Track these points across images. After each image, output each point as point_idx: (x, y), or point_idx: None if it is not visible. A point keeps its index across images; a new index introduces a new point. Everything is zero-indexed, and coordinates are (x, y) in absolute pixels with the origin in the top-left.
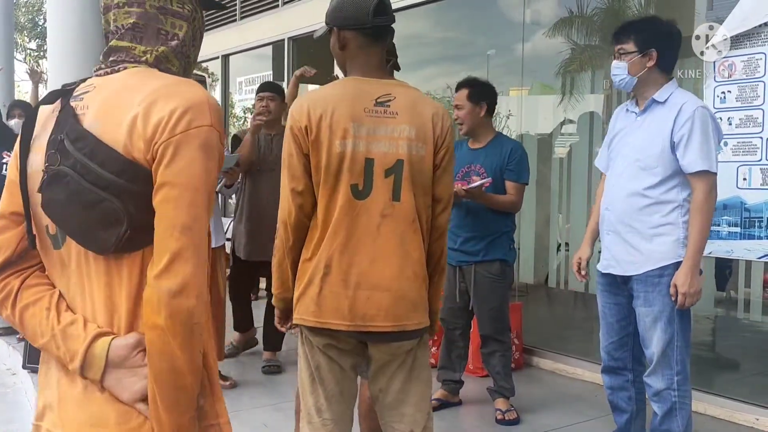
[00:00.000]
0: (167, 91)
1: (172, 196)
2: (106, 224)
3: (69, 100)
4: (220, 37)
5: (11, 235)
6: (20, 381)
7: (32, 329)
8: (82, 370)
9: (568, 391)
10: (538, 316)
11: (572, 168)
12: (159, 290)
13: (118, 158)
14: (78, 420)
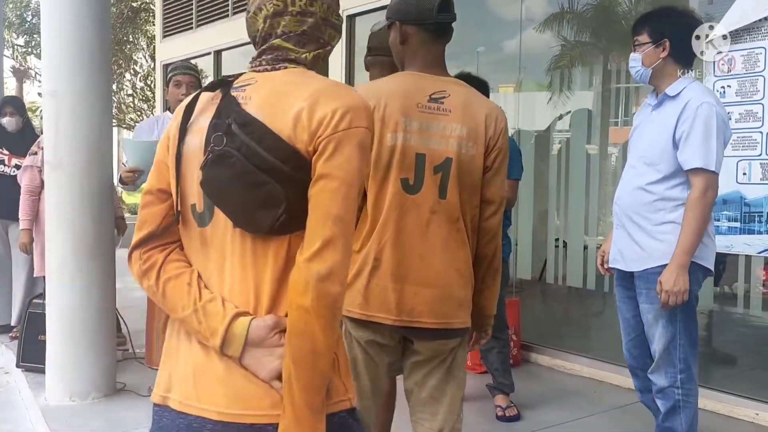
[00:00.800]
0: (330, 91)
1: (330, 187)
2: (265, 206)
3: (230, 90)
4: (212, 33)
5: (157, 210)
6: (13, 380)
7: (173, 302)
8: (222, 347)
9: (567, 387)
10: (536, 312)
11: (569, 164)
12: (308, 273)
13: (284, 146)
14: (219, 394)
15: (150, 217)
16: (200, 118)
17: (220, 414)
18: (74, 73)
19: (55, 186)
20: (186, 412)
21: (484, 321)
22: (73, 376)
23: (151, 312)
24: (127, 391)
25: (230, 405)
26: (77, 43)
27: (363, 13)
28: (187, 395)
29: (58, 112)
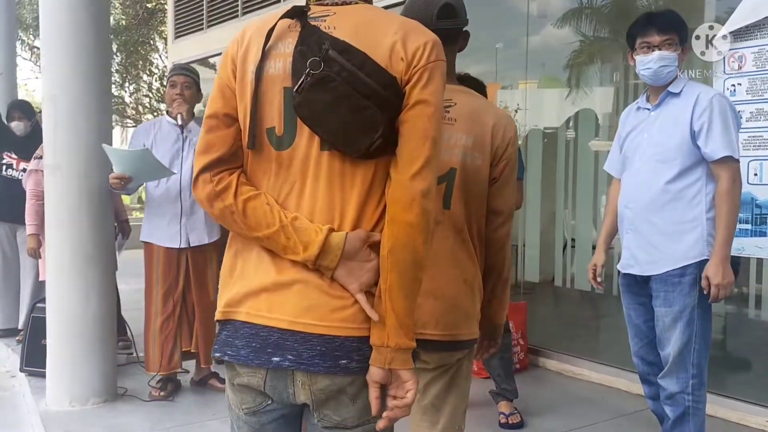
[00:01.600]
0: (413, 26)
1: (427, 112)
2: (364, 129)
3: (308, 20)
4: (222, 34)
5: (225, 134)
6: (19, 384)
7: (256, 220)
8: (318, 258)
9: (575, 393)
10: (544, 316)
11: (578, 163)
12: (413, 190)
13: (384, 73)
14: (292, 304)
15: (218, 141)
16: (279, 44)
17: (290, 323)
18: (72, 77)
19: (53, 189)
20: (253, 322)
21: (494, 331)
22: (73, 381)
23: (148, 317)
24: (128, 396)
25: (302, 315)
26: (75, 49)
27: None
28: (257, 308)
29: (57, 115)
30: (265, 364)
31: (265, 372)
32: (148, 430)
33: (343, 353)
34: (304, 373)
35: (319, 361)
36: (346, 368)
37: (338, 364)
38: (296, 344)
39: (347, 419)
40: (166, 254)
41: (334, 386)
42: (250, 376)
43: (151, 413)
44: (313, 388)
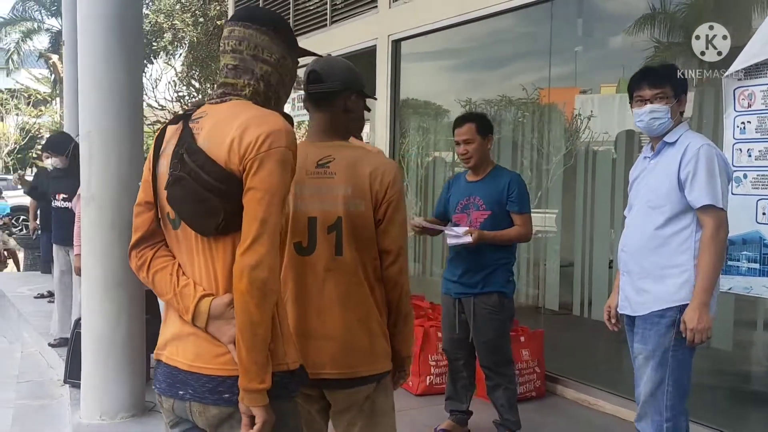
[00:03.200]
0: (256, 120)
1: (256, 197)
2: (209, 215)
3: (188, 122)
4: None
5: (145, 218)
6: (66, 393)
7: (160, 288)
8: (193, 320)
9: (585, 423)
10: (564, 344)
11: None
12: (242, 264)
13: (220, 170)
14: (189, 351)
15: (141, 224)
16: (168, 145)
17: (188, 365)
18: (106, 115)
19: (87, 218)
20: (168, 363)
21: (401, 363)
22: (103, 396)
23: None
24: (155, 412)
25: (195, 359)
26: (108, 88)
27: (408, 38)
28: (172, 352)
29: (91, 151)
30: (174, 396)
31: (173, 401)
32: None
33: (226, 388)
34: (198, 404)
35: (208, 395)
36: (229, 400)
37: (222, 397)
38: (193, 381)
39: None
40: None
41: (222, 414)
42: (166, 402)
43: None
44: (206, 415)
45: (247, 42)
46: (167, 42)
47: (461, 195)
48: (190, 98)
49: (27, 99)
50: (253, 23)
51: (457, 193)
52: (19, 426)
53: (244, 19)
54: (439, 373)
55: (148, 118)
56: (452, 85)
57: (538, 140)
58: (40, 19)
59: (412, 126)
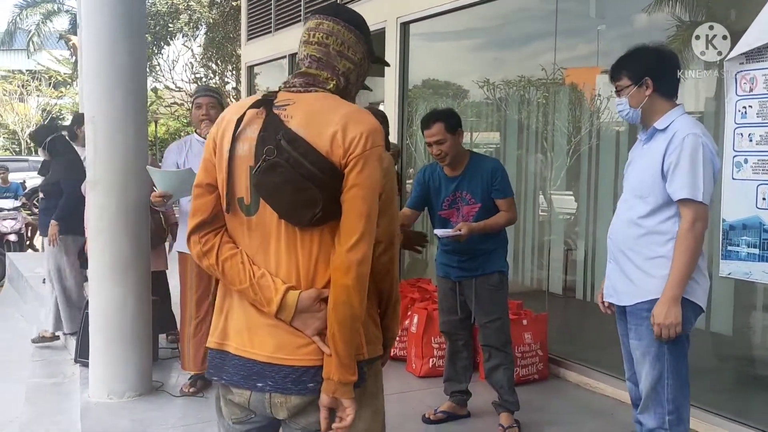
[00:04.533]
0: (356, 116)
1: (360, 194)
2: (306, 206)
3: (272, 108)
4: (287, 37)
5: (207, 201)
6: (77, 372)
7: (231, 277)
8: (277, 313)
9: (586, 406)
10: (567, 328)
11: (599, 170)
12: (350, 260)
13: (324, 160)
14: (268, 343)
15: (202, 207)
16: (247, 129)
17: (268, 357)
18: (110, 100)
19: (93, 203)
20: (240, 355)
21: (388, 345)
22: (111, 376)
23: (183, 320)
24: (161, 391)
25: (276, 351)
26: (112, 74)
27: (417, 20)
28: (242, 343)
29: (96, 136)
30: (251, 388)
31: (249, 393)
32: (171, 425)
33: (309, 378)
34: (280, 395)
35: (291, 386)
36: (313, 390)
37: (306, 387)
38: (273, 373)
39: (312, 423)
40: None
41: (303, 403)
42: (240, 395)
43: (178, 409)
44: (288, 406)
45: (335, 37)
46: (183, 23)
47: (446, 191)
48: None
49: (48, 80)
50: (342, 20)
51: (439, 189)
52: (32, 403)
53: (333, 14)
54: (442, 355)
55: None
56: (465, 66)
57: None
58: (60, 1)
59: (421, 109)
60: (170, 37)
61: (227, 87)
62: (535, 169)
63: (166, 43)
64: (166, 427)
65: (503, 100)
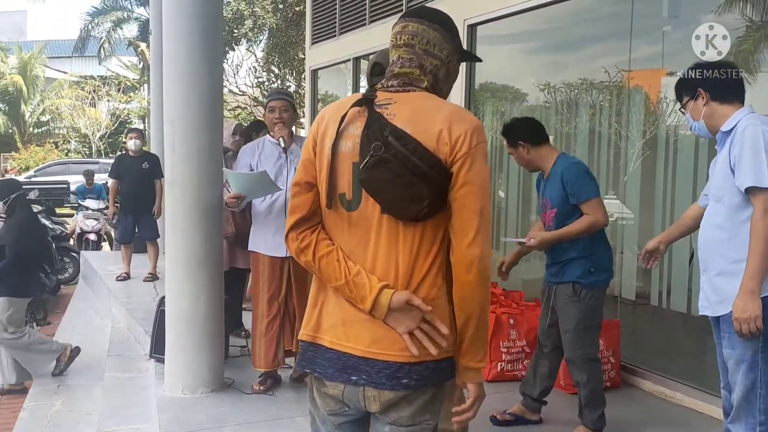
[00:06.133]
0: (459, 115)
1: (473, 191)
2: (413, 200)
3: (373, 106)
4: (351, 41)
5: (305, 198)
6: (151, 367)
7: (327, 274)
8: (371, 311)
9: (665, 416)
10: (641, 335)
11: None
12: (471, 256)
13: (431, 155)
14: (364, 337)
15: (301, 204)
16: (350, 126)
17: (363, 351)
18: (188, 104)
19: (170, 201)
20: (335, 348)
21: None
22: (185, 371)
23: (255, 318)
24: (233, 388)
25: (371, 345)
26: (190, 79)
27: (484, 22)
28: (337, 337)
29: (174, 137)
30: (345, 381)
31: (344, 386)
32: (243, 422)
33: (404, 374)
34: (374, 389)
35: (385, 380)
36: (407, 385)
37: (400, 383)
38: (368, 367)
39: (402, 418)
40: (270, 263)
41: (396, 398)
42: (333, 388)
43: (248, 406)
44: (381, 400)
45: (420, 37)
46: (248, 29)
47: (539, 195)
48: (270, 84)
49: (117, 86)
50: (426, 20)
51: (538, 192)
52: (109, 397)
53: (417, 16)
54: (510, 360)
55: (229, 103)
56: (531, 68)
57: (619, 124)
58: (130, 9)
59: (488, 111)
60: (235, 43)
61: (288, 90)
62: (601, 172)
63: (230, 49)
64: (239, 423)
65: (565, 103)
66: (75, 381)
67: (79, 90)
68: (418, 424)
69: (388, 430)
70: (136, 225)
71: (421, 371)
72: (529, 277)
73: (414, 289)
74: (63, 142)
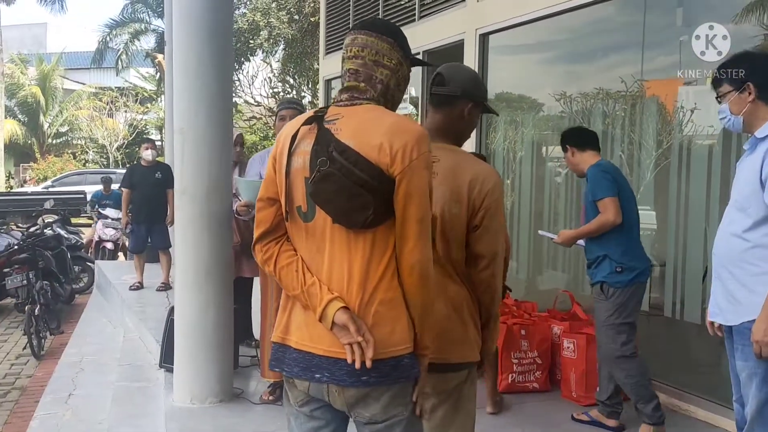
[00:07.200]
0: (400, 126)
1: (414, 202)
2: (359, 210)
3: (323, 123)
4: None
5: (268, 213)
6: (161, 377)
7: (287, 283)
8: (320, 320)
9: (677, 430)
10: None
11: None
12: (411, 261)
13: (373, 167)
14: (326, 337)
15: (264, 218)
16: (302, 143)
17: (324, 350)
18: (197, 114)
19: (180, 210)
20: (300, 348)
21: (484, 356)
22: (194, 381)
23: (264, 329)
24: (242, 398)
25: (332, 345)
26: (199, 89)
27: (496, 31)
28: (302, 337)
29: (184, 147)
30: (310, 379)
31: (308, 384)
32: None
33: (363, 371)
34: (336, 386)
35: (346, 377)
36: (366, 382)
37: (360, 380)
38: (330, 365)
39: (375, 415)
40: None
41: (359, 394)
42: (300, 384)
43: (257, 416)
44: (344, 395)
45: (369, 48)
46: (263, 39)
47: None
48: (285, 94)
49: (135, 97)
50: (374, 31)
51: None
52: (118, 406)
53: (366, 28)
54: (522, 371)
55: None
56: (544, 77)
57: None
58: (147, 21)
59: (501, 120)
60: (250, 53)
61: (303, 101)
62: None
63: (246, 59)
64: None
65: (580, 113)
66: (86, 390)
67: (97, 101)
68: (392, 417)
69: (368, 430)
70: (149, 235)
71: (381, 368)
72: (542, 287)
73: (370, 292)
74: (81, 152)
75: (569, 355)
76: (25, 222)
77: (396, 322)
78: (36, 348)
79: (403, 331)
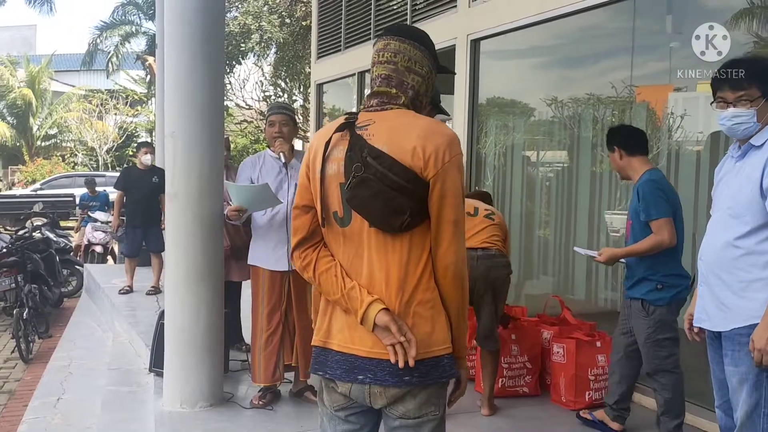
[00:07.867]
0: (432, 130)
1: (448, 203)
2: (396, 213)
3: (354, 129)
4: (356, 55)
5: (304, 220)
6: (151, 381)
7: (327, 289)
8: (361, 322)
9: None
10: None
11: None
12: (446, 262)
13: (407, 170)
14: (367, 338)
15: (300, 226)
16: (334, 150)
17: (367, 352)
18: (188, 117)
19: (171, 214)
20: (343, 351)
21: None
22: (184, 385)
23: (254, 332)
24: (232, 403)
25: (374, 346)
26: (190, 93)
27: (487, 37)
28: (344, 340)
29: (176, 150)
30: (352, 380)
31: (351, 385)
32: None
33: (406, 371)
34: (379, 386)
35: (389, 378)
36: (409, 382)
37: (403, 380)
38: (373, 366)
39: (409, 411)
40: (270, 276)
41: (400, 393)
42: (342, 386)
43: (247, 421)
44: (386, 395)
45: (402, 55)
46: (255, 43)
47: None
48: (276, 98)
49: (125, 99)
50: (407, 38)
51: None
52: (108, 411)
53: (399, 34)
54: (512, 375)
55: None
56: (535, 83)
57: None
58: (138, 23)
59: (492, 125)
60: (242, 57)
61: (295, 105)
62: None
63: (237, 63)
64: None
65: (571, 118)
66: (75, 394)
67: (86, 103)
68: (425, 415)
69: (398, 424)
70: (144, 238)
71: (422, 368)
72: (532, 292)
73: (410, 293)
74: (70, 155)
75: (559, 360)
76: (14, 225)
77: (435, 323)
78: (24, 352)
79: (442, 331)
